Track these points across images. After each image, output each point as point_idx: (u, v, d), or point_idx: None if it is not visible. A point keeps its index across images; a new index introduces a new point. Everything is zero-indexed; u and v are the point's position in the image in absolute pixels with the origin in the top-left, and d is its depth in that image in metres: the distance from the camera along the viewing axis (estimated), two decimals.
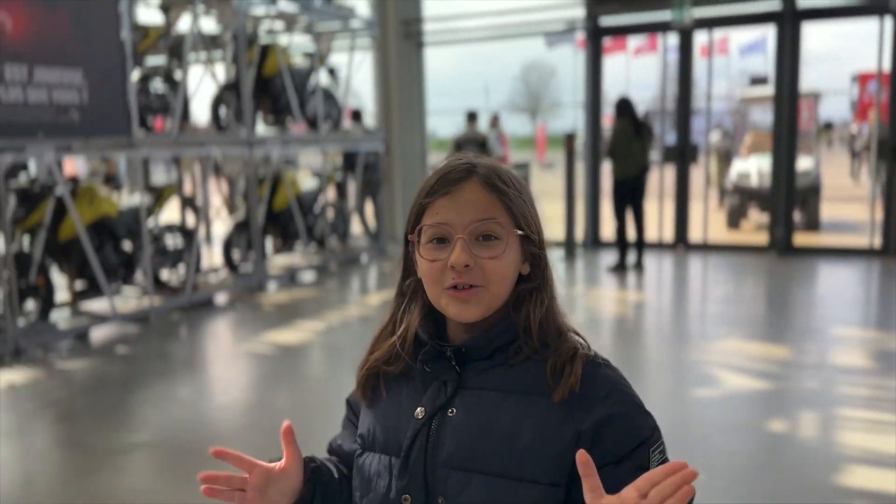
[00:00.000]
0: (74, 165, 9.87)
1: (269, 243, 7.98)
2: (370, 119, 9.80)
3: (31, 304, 5.29)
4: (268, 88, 7.51)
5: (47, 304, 5.37)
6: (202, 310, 6.30)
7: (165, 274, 6.55)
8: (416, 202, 0.99)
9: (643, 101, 12.24)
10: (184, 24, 6.78)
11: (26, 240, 5.42)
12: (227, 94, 7.14)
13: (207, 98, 7.33)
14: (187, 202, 7.94)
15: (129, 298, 6.21)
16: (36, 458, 3.51)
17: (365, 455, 1.02)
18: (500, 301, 0.97)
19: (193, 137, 6.42)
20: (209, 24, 7.22)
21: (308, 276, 7.76)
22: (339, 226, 8.75)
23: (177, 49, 6.65)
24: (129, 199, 6.68)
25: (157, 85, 6.52)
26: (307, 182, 8.46)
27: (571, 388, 0.92)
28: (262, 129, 7.78)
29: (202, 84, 8.15)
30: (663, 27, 8.65)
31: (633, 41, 11.15)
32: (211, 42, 7.45)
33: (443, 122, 32.46)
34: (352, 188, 9.11)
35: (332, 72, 8.59)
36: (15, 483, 3.19)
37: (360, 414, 1.06)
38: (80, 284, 5.78)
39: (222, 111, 7.21)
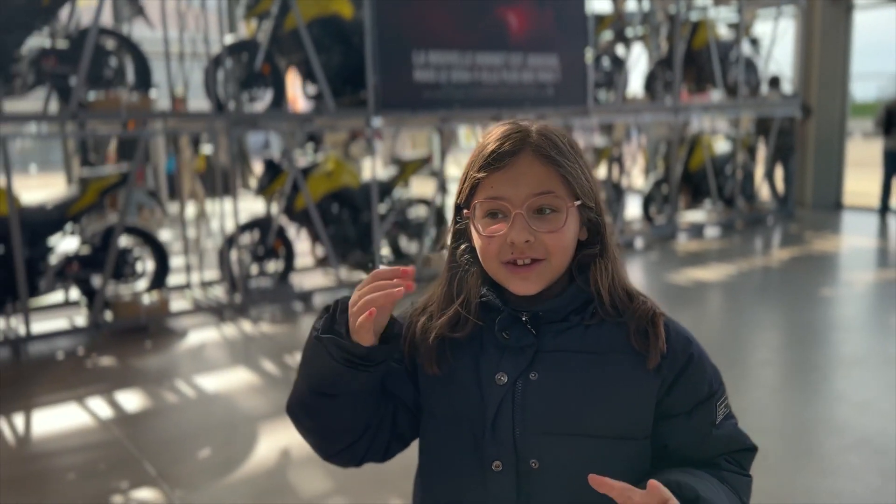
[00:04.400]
0: None
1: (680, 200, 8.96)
2: (788, 85, 9.98)
3: None
4: (694, 60, 8.40)
5: None
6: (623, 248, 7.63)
7: None
8: (468, 174, 0.97)
9: None
10: (627, 7, 8.05)
11: None
12: (659, 67, 8.24)
13: (639, 72, 8.53)
14: (615, 161, 9.33)
15: None
16: None
17: (438, 426, 1.00)
18: (560, 272, 0.96)
19: (630, 106, 7.70)
20: (646, 6, 8.36)
21: (714, 232, 8.56)
22: (748, 187, 9.29)
23: (620, 31, 7.96)
24: None
25: (605, 63, 7.91)
26: (721, 145, 9.18)
27: (661, 351, 0.95)
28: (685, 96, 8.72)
29: (638, 59, 9.35)
30: None
31: None
32: (644, 20, 8.59)
33: (868, 87, 28.81)
34: (763, 152, 9.52)
35: (754, 41, 9.08)
36: None
37: (426, 384, 1.01)
38: None
39: (654, 83, 8.34)
